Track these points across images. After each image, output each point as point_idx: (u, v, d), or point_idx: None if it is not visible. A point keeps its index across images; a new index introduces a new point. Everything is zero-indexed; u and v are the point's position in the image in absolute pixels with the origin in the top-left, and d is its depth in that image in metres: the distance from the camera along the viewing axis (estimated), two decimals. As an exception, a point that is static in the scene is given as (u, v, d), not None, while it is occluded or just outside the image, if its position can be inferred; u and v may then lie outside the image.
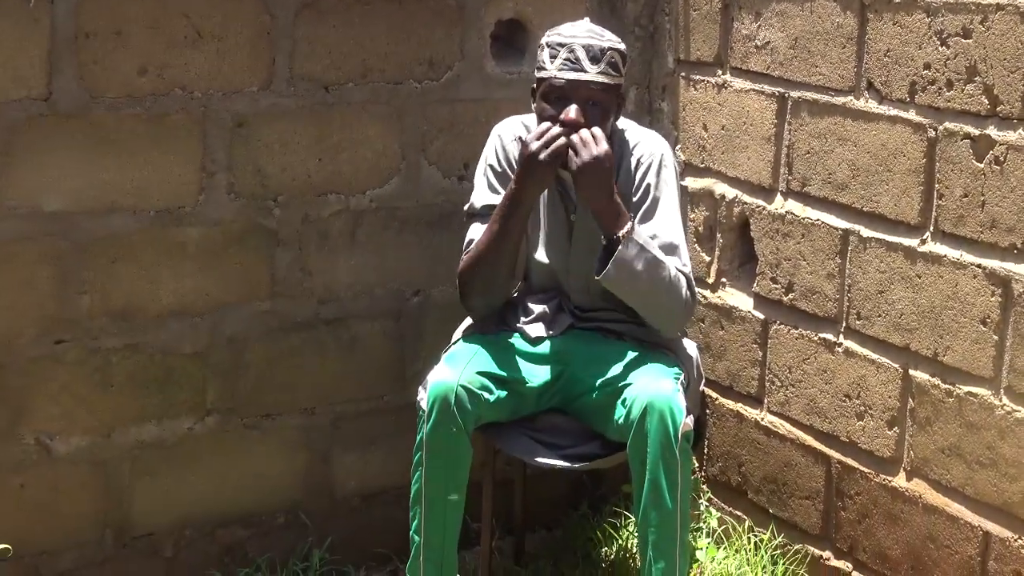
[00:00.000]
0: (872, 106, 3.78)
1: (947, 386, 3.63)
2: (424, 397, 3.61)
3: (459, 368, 3.62)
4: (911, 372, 3.74)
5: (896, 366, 3.78)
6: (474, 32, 4.28)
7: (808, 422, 4.09)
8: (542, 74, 3.63)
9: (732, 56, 4.26)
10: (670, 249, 3.69)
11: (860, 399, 3.89)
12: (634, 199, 3.74)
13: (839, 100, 3.89)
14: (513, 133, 3.82)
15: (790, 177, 4.09)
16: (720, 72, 4.32)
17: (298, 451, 4.23)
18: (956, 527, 3.63)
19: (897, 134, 3.71)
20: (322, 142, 4.12)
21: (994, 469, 3.51)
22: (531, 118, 3.81)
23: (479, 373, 3.63)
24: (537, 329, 3.83)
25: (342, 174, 4.16)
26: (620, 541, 4.35)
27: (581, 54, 3.59)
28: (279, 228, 4.09)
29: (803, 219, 4.04)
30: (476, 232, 3.74)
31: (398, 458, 4.06)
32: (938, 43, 3.58)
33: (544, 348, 3.81)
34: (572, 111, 3.57)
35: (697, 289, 3.87)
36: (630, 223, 3.58)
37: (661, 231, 3.71)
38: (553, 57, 3.61)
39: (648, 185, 3.74)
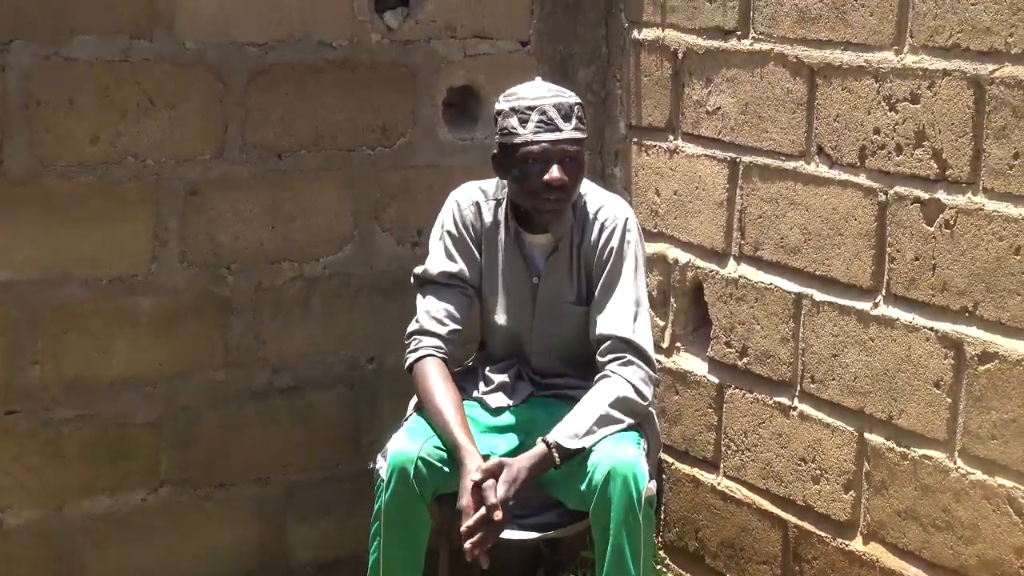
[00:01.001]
0: (823, 171, 3.82)
1: (902, 449, 3.65)
2: (383, 466, 3.60)
3: (419, 440, 3.61)
4: (866, 435, 3.76)
5: (851, 429, 3.80)
6: (427, 99, 4.30)
7: (764, 486, 4.09)
8: (516, 139, 3.59)
9: (683, 122, 4.29)
10: (626, 316, 3.69)
11: (816, 463, 3.91)
12: (596, 263, 3.74)
13: (790, 165, 3.93)
14: (470, 199, 3.82)
15: (743, 241, 4.11)
16: (672, 137, 4.35)
17: (252, 521, 4.21)
18: (913, 590, 3.64)
19: (848, 198, 3.74)
20: (275, 210, 4.12)
21: (950, 532, 3.53)
22: (489, 183, 3.81)
23: (438, 447, 3.61)
24: (498, 399, 3.83)
25: (295, 241, 4.16)
26: (578, 608, 4.35)
27: (553, 114, 3.59)
28: (233, 296, 4.09)
29: (756, 283, 4.06)
30: (430, 304, 3.73)
31: (354, 527, 4.05)
32: (887, 108, 3.62)
33: (505, 418, 3.80)
34: (556, 171, 3.57)
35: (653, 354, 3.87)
36: (545, 447, 3.51)
37: (623, 298, 3.71)
38: (524, 121, 3.59)
39: (611, 249, 3.74)
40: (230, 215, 4.05)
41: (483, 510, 3.39)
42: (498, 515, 3.40)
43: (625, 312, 3.69)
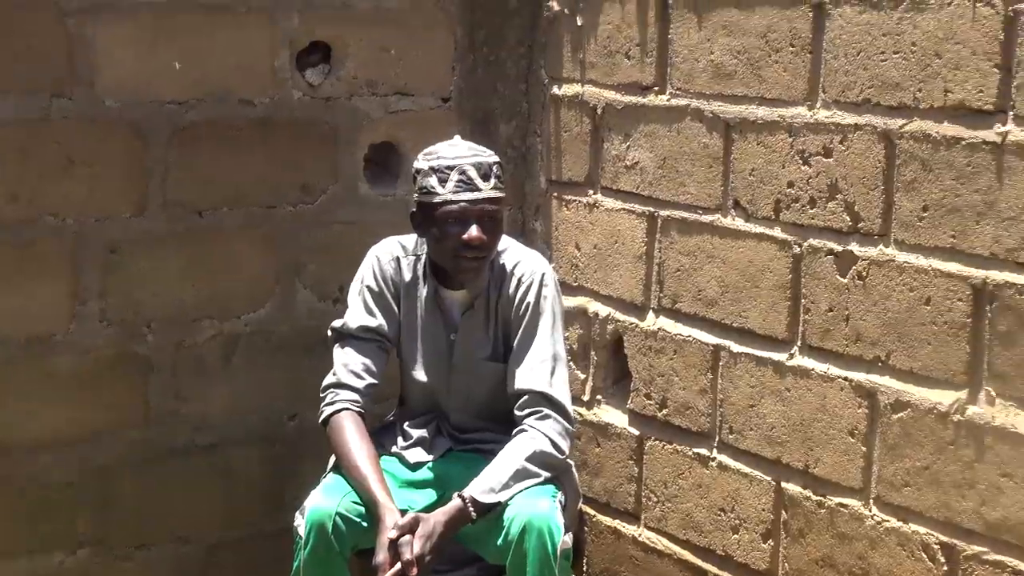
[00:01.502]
0: (739, 224, 3.86)
1: (818, 498, 3.67)
2: (302, 523, 3.59)
3: (337, 496, 3.61)
4: (783, 485, 3.78)
5: (769, 479, 3.82)
6: (348, 156, 4.32)
7: (685, 537, 4.10)
8: (435, 199, 3.60)
9: (603, 176, 4.32)
10: (544, 370, 3.71)
11: (735, 512, 3.93)
12: (513, 318, 3.76)
13: (707, 218, 3.96)
14: (390, 254, 3.83)
15: (661, 294, 4.14)
16: (591, 192, 4.37)
17: (174, 580, 4.17)
18: (833, 638, 3.66)
19: (763, 251, 3.78)
20: (196, 267, 4.12)
21: (867, 579, 3.56)
22: (408, 239, 3.82)
23: (356, 502, 3.60)
24: (416, 454, 3.83)
25: (216, 299, 4.16)
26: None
27: (472, 173, 3.61)
28: (152, 355, 4.07)
29: (675, 336, 4.09)
30: (348, 358, 3.74)
31: (276, 585, 4.03)
32: (801, 162, 3.67)
33: (423, 473, 3.80)
34: (475, 230, 3.59)
35: (573, 407, 3.88)
36: (461, 502, 3.53)
37: (541, 351, 3.73)
38: (443, 181, 3.60)
39: (528, 304, 3.76)
40: (150, 273, 4.04)
41: (398, 566, 3.39)
42: (413, 571, 3.40)
43: (542, 367, 3.70)
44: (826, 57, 3.57)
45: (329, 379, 3.75)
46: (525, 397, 3.69)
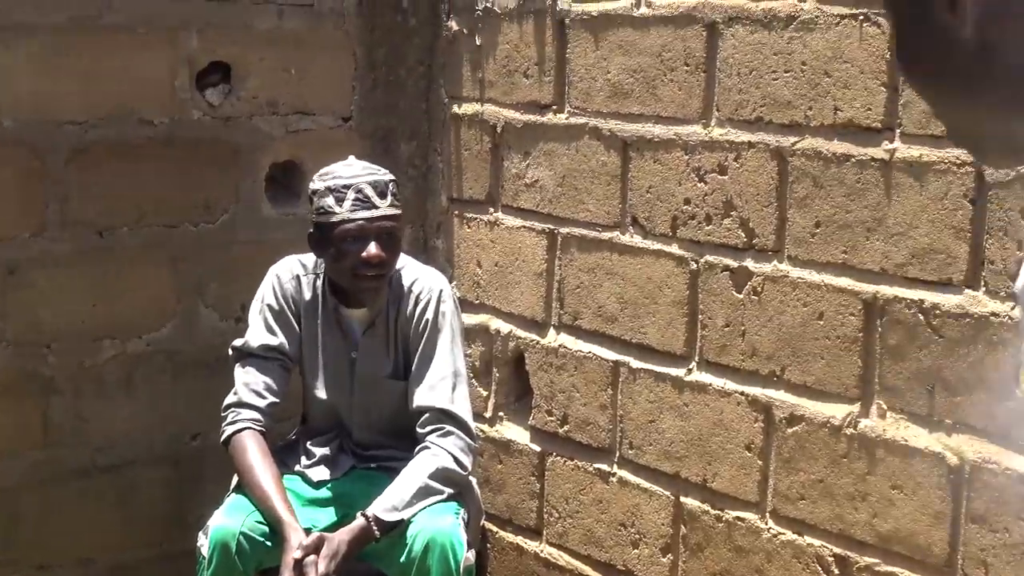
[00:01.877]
0: (637, 241, 3.88)
1: (716, 512, 3.70)
2: (205, 543, 3.56)
3: (240, 515, 3.58)
4: (682, 499, 3.81)
5: (668, 494, 3.85)
6: (249, 175, 4.30)
7: (586, 552, 4.11)
8: (332, 218, 3.59)
9: (503, 194, 4.33)
10: (446, 387, 3.71)
11: (635, 527, 3.95)
12: (412, 336, 3.76)
13: (606, 235, 3.99)
14: (290, 273, 3.82)
15: (562, 311, 4.15)
16: (492, 210, 4.38)
17: (75, 603, 4.12)
18: (732, 650, 3.68)
19: (661, 267, 3.81)
20: (97, 287, 4.08)
21: (764, 591, 3.59)
22: (308, 257, 3.81)
23: (260, 522, 3.58)
24: (319, 473, 3.81)
25: (118, 319, 4.12)
26: None
27: (369, 191, 3.61)
28: (53, 375, 4.02)
29: (575, 352, 4.10)
30: (249, 377, 3.71)
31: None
32: (697, 180, 3.70)
33: (326, 491, 3.78)
34: (373, 248, 3.58)
35: (475, 424, 3.88)
36: (365, 520, 3.53)
37: (441, 367, 3.73)
38: (340, 200, 3.60)
39: (427, 321, 3.76)
40: (50, 293, 4.00)
41: None
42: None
43: (443, 384, 3.70)
44: (719, 76, 3.61)
45: (230, 398, 3.72)
46: (427, 414, 3.69)
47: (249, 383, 3.72)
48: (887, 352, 3.31)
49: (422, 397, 3.70)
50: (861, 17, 3.28)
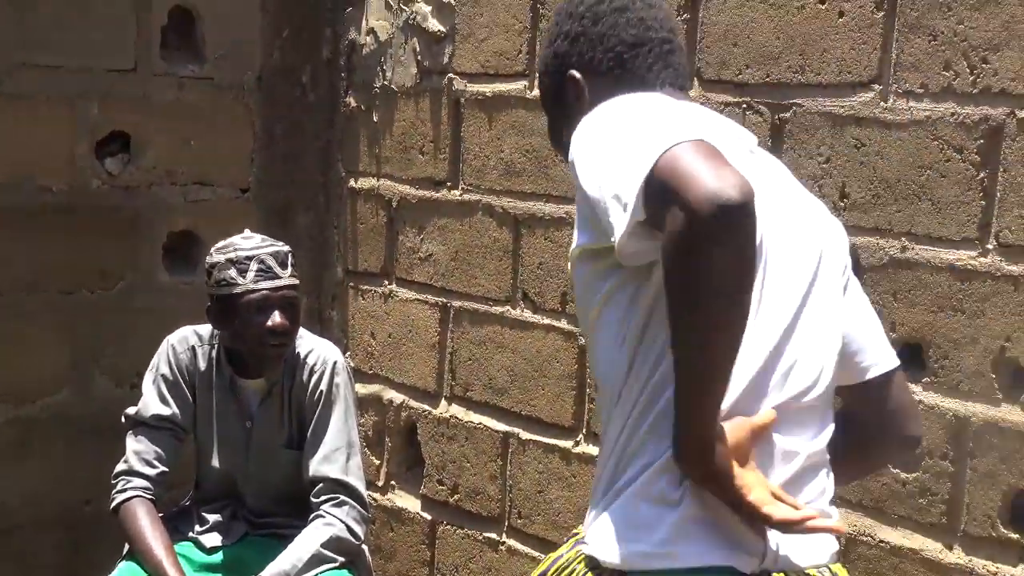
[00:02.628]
0: (527, 315, 3.92)
1: (602, 580, 3.72)
2: None
3: None
4: (569, 568, 3.83)
5: (555, 562, 3.86)
6: (147, 243, 4.28)
7: (474, 620, 4.13)
8: (235, 289, 3.54)
9: (398, 267, 4.35)
10: (339, 455, 3.71)
11: (523, 595, 3.97)
12: (308, 405, 3.75)
13: (497, 309, 4.02)
14: (186, 343, 3.78)
15: (453, 383, 4.18)
16: (386, 282, 4.40)
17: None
18: None
19: (551, 341, 3.85)
20: (-8, 351, 4.03)
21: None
22: (204, 328, 3.78)
23: None
24: (212, 539, 3.77)
25: (12, 383, 4.07)
26: None
27: (271, 262, 3.59)
28: (-56, 439, 3.97)
29: (466, 423, 4.12)
30: (140, 446, 3.65)
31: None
32: (585, 257, 3.74)
33: (219, 557, 3.74)
34: (278, 317, 3.55)
35: (368, 492, 3.87)
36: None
37: (335, 438, 3.73)
38: (243, 271, 3.57)
39: (321, 392, 3.75)
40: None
41: None
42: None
43: (337, 454, 3.70)
44: (609, 158, 3.66)
45: (121, 466, 3.67)
46: (321, 484, 3.68)
47: (140, 451, 3.68)
48: (767, 427, 3.38)
49: (316, 467, 3.69)
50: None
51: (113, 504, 3.63)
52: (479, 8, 4.00)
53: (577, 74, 2.37)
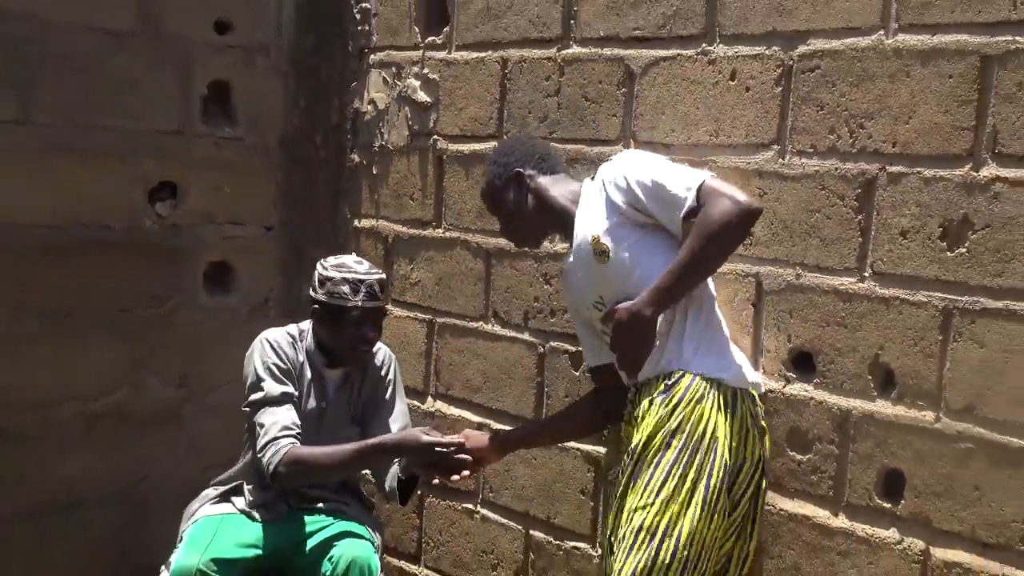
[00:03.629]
0: (497, 329, 3.92)
1: (558, 542, 3.73)
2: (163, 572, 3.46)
3: (198, 553, 3.43)
4: (531, 532, 3.83)
5: (519, 528, 3.87)
6: (189, 272, 4.27)
7: (456, 574, 4.11)
8: (347, 303, 3.51)
9: (393, 290, 4.33)
10: (407, 419, 3.73)
11: (494, 554, 3.95)
12: (377, 390, 3.73)
13: (473, 324, 4.02)
14: (286, 338, 3.65)
15: (438, 383, 4.17)
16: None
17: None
18: (568, 652, 3.70)
19: (516, 350, 3.85)
20: (60, 358, 4.01)
21: (594, 605, 3.62)
22: (293, 328, 3.67)
23: (213, 560, 3.43)
24: (260, 514, 3.71)
25: (80, 385, 4.05)
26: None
27: (377, 288, 3.56)
28: (26, 428, 3.93)
29: (448, 415, 4.12)
30: (275, 415, 3.50)
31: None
32: (543, 282, 3.76)
33: (262, 530, 3.65)
34: (371, 330, 3.54)
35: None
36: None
37: (403, 416, 3.72)
38: (356, 291, 3.53)
39: (390, 380, 3.74)
40: (23, 363, 3.91)
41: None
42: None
43: (406, 418, 3.71)
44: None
45: (264, 438, 3.48)
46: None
47: (276, 421, 3.51)
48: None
49: (397, 425, 3.69)
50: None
51: (272, 467, 3.43)
52: (458, 84, 4.02)
53: (522, 171, 3.22)
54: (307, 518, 3.65)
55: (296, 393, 3.59)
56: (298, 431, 3.49)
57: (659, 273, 2.91)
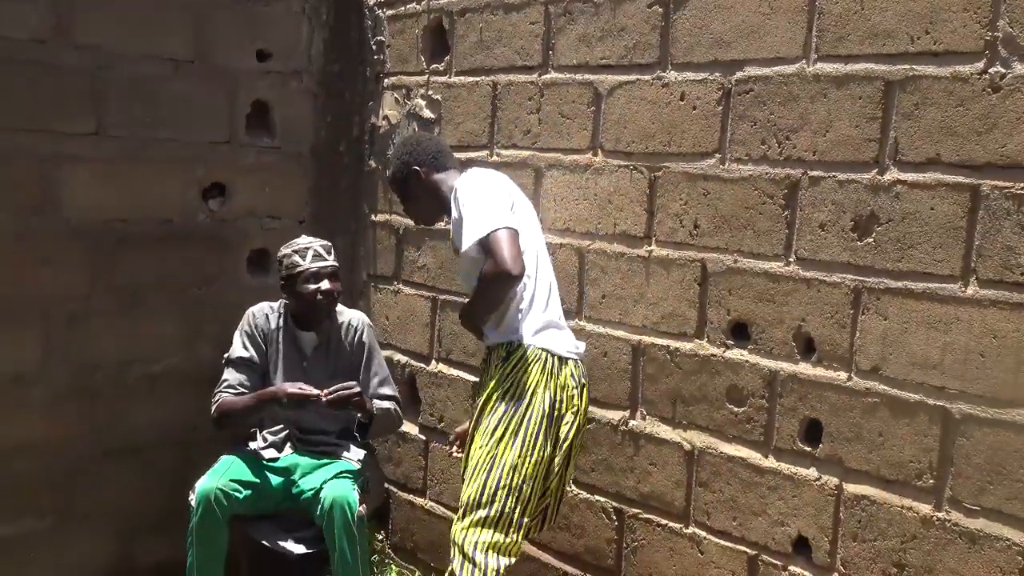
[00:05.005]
0: (489, 305, 3.91)
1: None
2: (193, 498, 3.49)
3: (218, 477, 3.53)
4: (516, 471, 3.82)
5: (507, 467, 3.85)
6: (235, 257, 4.24)
7: (455, 505, 4.10)
8: (298, 268, 3.62)
9: (403, 272, 4.34)
10: (387, 381, 3.77)
11: (486, 489, 3.95)
12: (352, 349, 3.75)
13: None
14: (262, 311, 3.76)
15: (440, 349, 4.16)
16: (395, 283, 4.38)
17: (111, 540, 4.00)
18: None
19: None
20: (132, 328, 3.99)
21: (567, 531, 3.61)
22: (275, 303, 3.77)
23: (232, 480, 3.52)
24: (269, 452, 3.74)
25: (144, 350, 4.03)
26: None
27: (321, 251, 3.66)
28: (100, 386, 3.91)
29: (448, 375, 4.11)
30: (231, 375, 3.67)
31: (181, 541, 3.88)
32: (527, 266, 3.73)
33: (276, 463, 3.71)
34: (326, 283, 3.63)
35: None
36: (370, 405, 3.62)
37: (380, 370, 3.76)
38: (303, 257, 3.63)
39: (363, 342, 3.76)
40: (99, 333, 3.90)
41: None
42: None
43: (386, 381, 3.79)
44: (543, 201, 3.64)
45: (216, 391, 3.68)
46: (381, 395, 3.76)
47: (228, 380, 3.67)
48: (646, 378, 3.39)
49: (376, 389, 3.74)
50: (631, 167, 3.39)
51: (212, 412, 3.61)
52: (457, 103, 4.00)
53: (419, 169, 3.30)
54: (305, 460, 3.67)
55: (255, 358, 3.69)
56: (241, 390, 3.63)
57: (470, 281, 3.15)
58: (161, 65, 3.95)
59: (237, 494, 3.51)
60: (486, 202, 3.06)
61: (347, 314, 3.82)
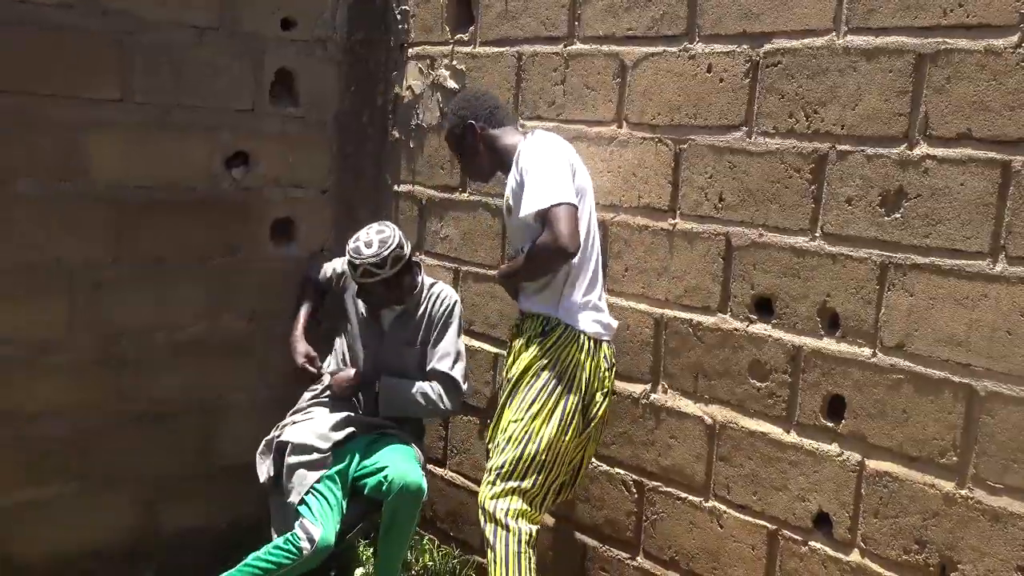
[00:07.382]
0: (511, 276, 3.90)
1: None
2: (304, 542, 3.39)
3: (331, 527, 3.42)
4: (536, 442, 3.82)
5: (527, 439, 3.85)
6: (258, 226, 4.22)
7: (475, 476, 4.12)
8: (350, 278, 3.77)
9: (426, 243, 4.34)
10: (447, 357, 3.71)
11: (506, 460, 3.96)
12: (434, 322, 3.75)
13: (491, 272, 4.01)
14: (344, 262, 3.89)
15: (462, 320, 4.15)
16: (419, 253, 4.37)
17: (136, 505, 4.03)
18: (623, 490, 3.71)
19: (526, 294, 3.83)
20: (157, 296, 3.97)
21: (588, 504, 3.60)
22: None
23: (338, 518, 3.50)
24: (337, 434, 3.69)
25: (168, 318, 4.03)
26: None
27: (373, 268, 3.60)
28: (125, 352, 3.93)
29: (470, 347, 4.10)
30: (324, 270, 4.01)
31: (207, 504, 3.90)
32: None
33: (342, 449, 3.68)
34: (367, 295, 3.72)
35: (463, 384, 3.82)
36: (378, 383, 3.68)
37: (446, 347, 3.71)
38: (355, 270, 3.61)
39: (444, 315, 3.76)
40: (123, 300, 3.90)
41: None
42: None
43: (447, 358, 3.72)
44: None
45: (307, 277, 4.06)
46: (434, 374, 3.71)
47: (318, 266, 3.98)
48: (668, 352, 3.38)
49: (434, 364, 3.71)
50: (656, 140, 3.37)
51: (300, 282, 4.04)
52: (481, 73, 3.98)
53: (475, 124, 3.30)
54: (365, 438, 3.67)
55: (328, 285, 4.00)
56: (310, 305, 4.02)
57: (523, 247, 3.15)
58: (186, 32, 3.93)
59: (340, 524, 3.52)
60: (551, 173, 3.06)
61: (438, 289, 3.81)
